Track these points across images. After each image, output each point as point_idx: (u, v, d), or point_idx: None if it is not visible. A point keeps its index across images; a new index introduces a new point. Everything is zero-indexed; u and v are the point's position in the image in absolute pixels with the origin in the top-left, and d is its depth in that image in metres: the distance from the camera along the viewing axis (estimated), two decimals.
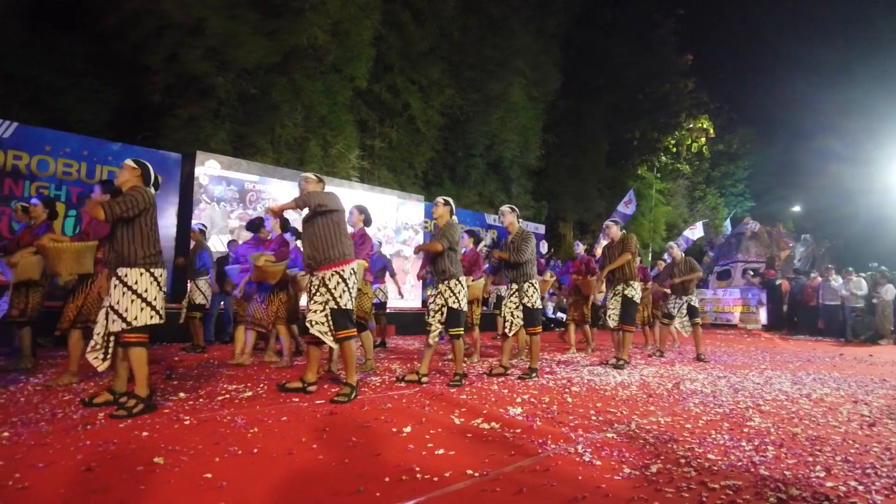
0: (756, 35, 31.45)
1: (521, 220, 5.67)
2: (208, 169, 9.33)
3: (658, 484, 2.39)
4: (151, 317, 3.50)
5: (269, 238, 6.01)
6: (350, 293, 4.10)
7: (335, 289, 4.04)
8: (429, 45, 14.83)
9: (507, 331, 5.48)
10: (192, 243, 7.16)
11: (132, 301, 3.45)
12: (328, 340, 4.07)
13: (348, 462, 2.60)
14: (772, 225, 20.49)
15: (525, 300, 5.37)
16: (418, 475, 2.42)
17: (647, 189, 24.02)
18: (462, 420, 3.49)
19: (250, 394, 4.18)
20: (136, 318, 3.43)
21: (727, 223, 22.36)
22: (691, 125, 27.25)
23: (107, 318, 3.49)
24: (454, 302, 4.82)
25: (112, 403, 3.54)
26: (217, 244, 9.02)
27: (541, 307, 5.50)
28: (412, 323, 10.46)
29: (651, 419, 3.67)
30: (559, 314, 12.87)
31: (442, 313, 4.89)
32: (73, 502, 2.04)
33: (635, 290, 6.22)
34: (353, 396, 3.97)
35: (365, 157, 13.60)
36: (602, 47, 23.54)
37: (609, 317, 6.34)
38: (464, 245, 6.49)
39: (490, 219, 15.31)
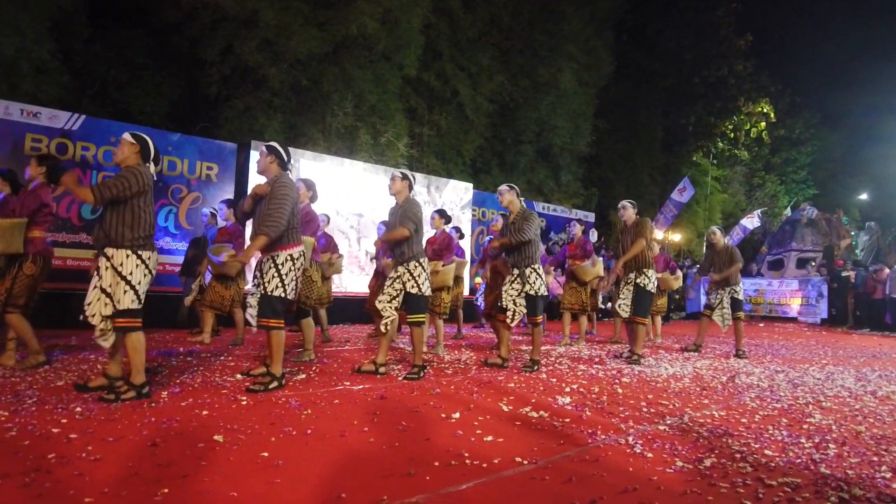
0: (819, 15, 29.81)
1: (571, 208, 5.49)
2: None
3: (712, 478, 2.34)
4: (132, 301, 3.36)
5: (224, 226, 6.24)
6: (281, 280, 3.82)
7: (265, 273, 3.83)
8: (478, 31, 14.70)
9: (508, 320, 5.05)
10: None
11: (118, 283, 3.33)
12: (254, 324, 3.90)
13: (398, 445, 2.64)
14: (832, 212, 19.42)
15: (527, 287, 4.97)
16: (467, 461, 2.44)
17: (702, 176, 23.25)
18: (510, 408, 3.49)
19: (303, 376, 4.31)
20: (119, 301, 3.33)
21: (787, 210, 21.41)
22: (750, 109, 26.11)
23: (100, 301, 3.37)
24: (413, 286, 4.44)
25: (106, 388, 3.44)
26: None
27: (545, 294, 5.10)
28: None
29: (705, 412, 3.58)
30: (609, 304, 12.64)
31: (398, 299, 4.53)
32: (141, 475, 2.15)
33: (649, 279, 5.77)
34: (271, 387, 3.73)
35: (414, 145, 13.66)
36: (656, 30, 22.84)
37: (619, 307, 5.89)
38: (432, 227, 6.23)
39: (539, 206, 15.19)
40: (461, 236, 8.05)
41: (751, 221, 19.29)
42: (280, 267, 3.83)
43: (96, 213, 8.09)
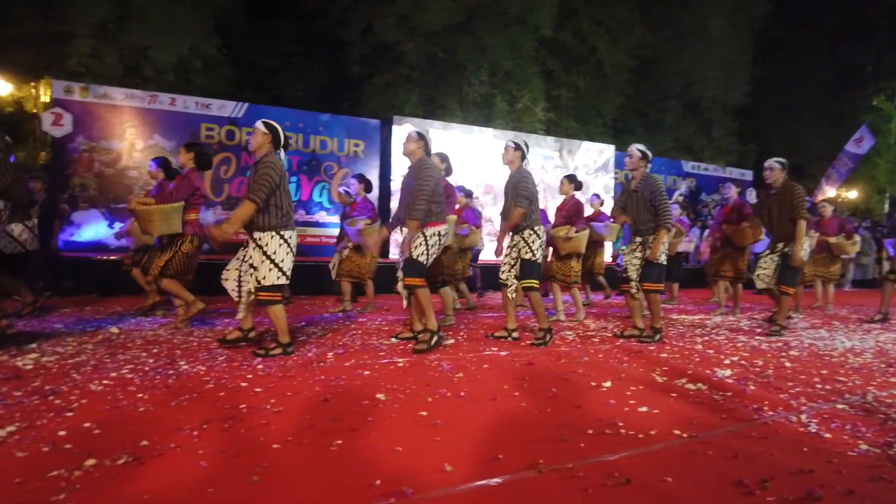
0: None
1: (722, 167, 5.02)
2: (405, 133, 9.94)
3: None
4: (278, 277, 3.73)
5: (354, 201, 6.39)
6: (427, 249, 4.15)
7: (413, 242, 4.15)
8: None
9: (632, 290, 4.85)
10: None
11: (262, 262, 3.71)
12: (399, 288, 4.34)
13: (550, 412, 2.67)
14: None
15: (648, 253, 4.70)
16: (622, 430, 2.40)
17: (884, 123, 20.04)
18: (665, 379, 3.37)
19: (452, 341, 4.49)
20: (265, 278, 3.70)
21: None
22: None
23: (245, 275, 3.86)
24: (527, 252, 4.47)
25: (242, 340, 4.05)
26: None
27: (664, 262, 4.75)
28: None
29: (893, 392, 3.19)
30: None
31: (517, 267, 4.58)
32: (316, 426, 2.39)
33: (803, 248, 5.04)
34: (433, 343, 4.06)
35: (551, 109, 13.33)
36: None
37: (758, 276, 5.28)
38: (560, 192, 6.20)
39: (688, 166, 14.21)
40: (601, 203, 7.75)
41: None
42: (428, 239, 4.17)
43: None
